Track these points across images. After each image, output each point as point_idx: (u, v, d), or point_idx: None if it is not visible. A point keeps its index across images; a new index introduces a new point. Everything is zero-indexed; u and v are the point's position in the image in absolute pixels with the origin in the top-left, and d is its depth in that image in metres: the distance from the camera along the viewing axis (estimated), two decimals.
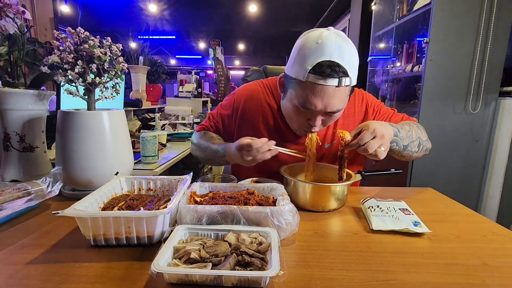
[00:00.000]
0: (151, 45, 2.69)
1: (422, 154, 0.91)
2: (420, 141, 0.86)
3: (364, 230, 0.62)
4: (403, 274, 0.46)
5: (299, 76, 0.72)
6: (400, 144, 0.80)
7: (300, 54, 0.73)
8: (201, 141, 0.96)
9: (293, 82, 0.76)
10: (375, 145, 0.67)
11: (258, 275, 0.40)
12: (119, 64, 0.76)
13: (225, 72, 3.38)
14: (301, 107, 0.76)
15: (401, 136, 0.80)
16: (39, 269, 0.47)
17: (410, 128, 0.85)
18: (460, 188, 1.86)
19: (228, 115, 0.99)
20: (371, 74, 2.78)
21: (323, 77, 0.69)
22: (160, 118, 2.36)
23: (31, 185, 0.70)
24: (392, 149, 0.80)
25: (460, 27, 1.68)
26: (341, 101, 0.75)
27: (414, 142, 0.84)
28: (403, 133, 0.81)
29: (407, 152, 0.84)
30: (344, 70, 0.70)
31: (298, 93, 0.75)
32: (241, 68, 10.05)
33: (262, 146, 0.71)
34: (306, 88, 0.72)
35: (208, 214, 0.54)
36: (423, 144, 0.88)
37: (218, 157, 0.88)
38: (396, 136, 0.78)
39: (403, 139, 0.81)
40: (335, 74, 0.69)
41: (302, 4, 4.90)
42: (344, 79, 0.70)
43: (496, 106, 1.76)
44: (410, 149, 0.84)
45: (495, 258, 0.52)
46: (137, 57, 2.52)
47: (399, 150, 0.81)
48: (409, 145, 0.83)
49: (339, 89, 0.71)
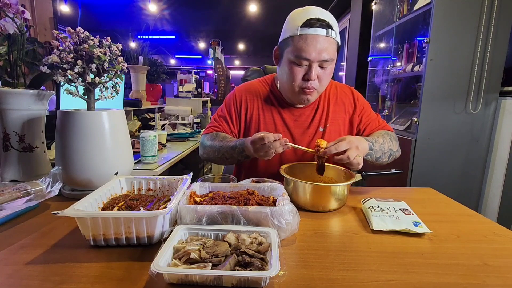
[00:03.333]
0: (151, 45, 2.69)
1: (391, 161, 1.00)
2: (391, 153, 0.96)
3: (365, 230, 0.62)
4: (403, 274, 0.46)
5: (292, 33, 0.84)
6: (374, 156, 0.90)
7: (290, 19, 0.87)
8: (215, 143, 0.97)
9: (287, 41, 0.87)
10: (354, 154, 0.76)
11: (258, 275, 0.40)
12: (119, 64, 0.76)
13: (225, 72, 3.38)
14: (297, 59, 0.84)
15: (375, 149, 0.89)
16: (39, 269, 0.47)
17: (384, 141, 0.93)
18: (460, 188, 1.86)
19: (234, 109, 1.04)
20: (371, 74, 2.78)
21: (312, 27, 0.82)
22: (160, 118, 2.36)
23: (30, 185, 0.70)
24: (366, 159, 0.87)
25: (461, 27, 1.68)
26: (332, 51, 0.85)
27: (385, 153, 0.94)
28: (377, 146, 0.90)
29: (379, 162, 0.94)
30: (329, 24, 0.84)
31: (293, 48, 0.85)
32: (241, 68, 10.05)
33: (275, 142, 0.75)
34: (299, 41, 0.83)
35: (208, 214, 0.53)
36: (394, 154, 0.98)
37: (236, 153, 0.90)
38: (370, 150, 0.87)
39: (377, 152, 0.90)
40: (322, 26, 0.82)
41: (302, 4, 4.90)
42: (330, 30, 0.83)
43: (496, 106, 1.76)
44: (381, 160, 0.94)
45: (496, 258, 0.51)
46: (137, 57, 2.52)
47: (372, 160, 0.91)
48: (381, 156, 0.93)
49: (328, 39, 0.83)
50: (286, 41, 0.87)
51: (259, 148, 0.78)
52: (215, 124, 1.04)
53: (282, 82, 0.95)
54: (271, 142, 0.75)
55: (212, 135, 1.01)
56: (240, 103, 1.03)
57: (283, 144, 0.76)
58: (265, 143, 0.75)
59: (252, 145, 0.80)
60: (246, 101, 1.03)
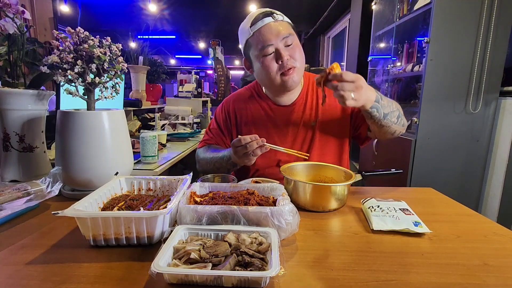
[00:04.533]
0: (151, 45, 2.69)
1: (399, 130, 0.92)
2: (399, 113, 0.90)
3: (365, 230, 0.62)
4: (403, 274, 0.46)
5: (247, 36, 0.90)
6: (381, 112, 0.82)
7: (241, 30, 0.93)
8: (207, 154, 0.99)
9: (247, 46, 0.92)
10: (348, 88, 0.72)
11: (258, 275, 0.40)
12: (119, 64, 0.76)
13: (225, 72, 3.38)
14: (262, 50, 0.87)
15: (382, 104, 0.82)
16: (39, 269, 0.47)
17: (390, 100, 0.88)
18: (460, 188, 1.86)
19: (223, 120, 1.05)
20: (372, 74, 2.78)
21: (259, 20, 0.87)
22: (160, 118, 2.36)
23: (30, 185, 0.70)
24: (373, 115, 0.82)
25: (461, 26, 1.68)
26: (286, 28, 0.88)
27: (394, 112, 0.87)
28: (385, 101, 0.84)
29: (387, 121, 0.85)
30: (272, 11, 0.89)
31: (254, 46, 0.89)
32: (241, 68, 10.03)
33: (251, 142, 0.77)
34: (256, 37, 0.87)
35: (208, 214, 0.53)
36: (401, 117, 0.91)
37: (225, 162, 0.91)
38: (377, 102, 0.81)
39: (384, 107, 0.83)
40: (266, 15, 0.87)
41: (302, 4, 4.90)
42: (276, 15, 0.88)
43: (496, 106, 1.76)
44: (390, 119, 0.85)
45: (496, 258, 0.51)
46: (137, 57, 2.52)
47: (379, 117, 0.83)
48: (389, 114, 0.85)
49: (278, 22, 0.87)
50: (247, 46, 0.92)
51: (238, 150, 0.79)
52: (207, 138, 1.06)
53: (263, 81, 0.96)
54: (248, 142, 0.77)
55: (204, 148, 1.03)
56: (229, 113, 1.05)
57: (260, 145, 0.77)
58: (242, 144, 0.77)
59: (233, 148, 0.82)
60: (235, 110, 1.04)
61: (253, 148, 0.77)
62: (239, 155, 0.80)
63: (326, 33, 5.43)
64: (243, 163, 0.85)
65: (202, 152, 1.02)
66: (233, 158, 0.86)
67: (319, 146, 0.96)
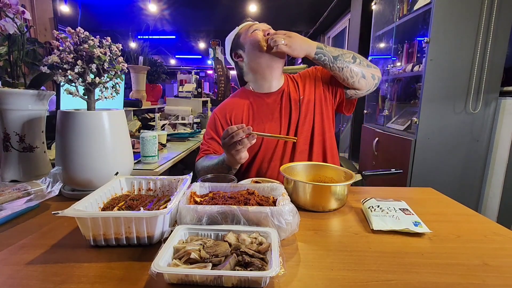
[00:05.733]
0: (151, 45, 2.69)
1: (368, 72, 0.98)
2: (354, 55, 0.96)
3: (365, 230, 0.62)
4: (403, 274, 0.46)
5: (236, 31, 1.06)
6: (329, 56, 0.93)
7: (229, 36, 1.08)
8: (204, 163, 0.99)
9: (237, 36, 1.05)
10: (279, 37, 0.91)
11: (258, 275, 0.40)
12: (119, 64, 0.76)
13: (225, 72, 3.38)
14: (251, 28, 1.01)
15: (327, 50, 0.94)
16: (39, 269, 0.47)
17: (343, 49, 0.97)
18: (460, 188, 1.86)
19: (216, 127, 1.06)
20: None
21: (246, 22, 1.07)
22: (160, 118, 2.36)
23: (31, 185, 0.70)
24: (322, 60, 0.94)
25: (461, 27, 1.68)
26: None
27: (345, 55, 0.95)
28: (331, 48, 0.95)
29: (340, 62, 0.94)
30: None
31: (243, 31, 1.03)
32: None
33: (238, 131, 0.76)
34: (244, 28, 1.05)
35: (208, 214, 0.54)
36: (361, 60, 0.97)
37: (220, 166, 0.90)
38: (320, 49, 0.93)
39: (331, 51, 0.94)
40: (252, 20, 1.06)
41: (302, 4, 4.90)
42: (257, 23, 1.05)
43: (496, 106, 1.76)
44: (343, 60, 0.94)
45: (496, 258, 0.51)
46: (137, 57, 2.52)
47: (330, 60, 0.94)
48: (340, 56, 0.94)
49: None
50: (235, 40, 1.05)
51: (226, 142, 0.78)
52: (205, 148, 1.06)
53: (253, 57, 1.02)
54: (234, 131, 0.76)
55: (202, 159, 1.03)
56: (223, 120, 1.06)
57: (246, 132, 0.76)
58: (229, 134, 0.77)
59: (222, 142, 0.82)
60: (225, 116, 1.05)
61: (240, 137, 0.76)
62: (228, 148, 0.79)
63: (326, 33, 5.43)
64: (234, 160, 0.82)
65: (201, 162, 1.02)
66: (226, 160, 0.86)
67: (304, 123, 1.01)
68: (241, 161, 0.83)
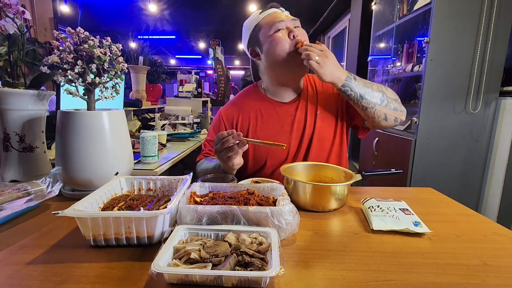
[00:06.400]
0: (151, 45, 2.69)
1: (392, 114, 0.91)
2: (383, 95, 0.89)
3: (365, 230, 0.62)
4: (403, 274, 0.46)
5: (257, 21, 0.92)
6: (356, 91, 0.85)
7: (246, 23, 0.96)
8: (203, 166, 0.97)
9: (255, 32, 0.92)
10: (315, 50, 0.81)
11: (258, 275, 0.40)
12: (119, 64, 0.76)
13: (225, 72, 3.38)
14: (274, 26, 0.88)
15: (356, 84, 0.85)
16: (39, 269, 0.47)
17: (372, 83, 0.89)
18: (460, 188, 1.86)
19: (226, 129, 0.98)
20: (371, 74, 2.78)
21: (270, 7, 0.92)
22: (160, 118, 2.36)
23: (31, 185, 0.70)
24: (347, 94, 0.86)
25: (460, 26, 1.68)
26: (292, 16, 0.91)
27: (374, 93, 0.88)
28: (360, 82, 0.87)
29: (366, 102, 0.87)
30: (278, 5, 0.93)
31: (265, 25, 0.90)
32: (241, 68, 10.04)
33: (227, 137, 0.75)
34: (266, 18, 0.90)
35: (208, 214, 0.54)
36: (389, 100, 0.90)
37: (217, 170, 0.89)
38: (349, 82, 0.85)
39: (359, 87, 0.86)
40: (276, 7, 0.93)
41: (302, 4, 4.90)
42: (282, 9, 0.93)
43: (496, 106, 1.76)
44: (370, 99, 0.87)
45: (496, 258, 0.51)
46: (137, 57, 2.52)
47: (356, 97, 0.86)
48: (367, 94, 0.86)
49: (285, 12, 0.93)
50: (255, 30, 0.92)
51: (217, 148, 0.77)
52: (205, 151, 1.04)
53: (272, 62, 0.91)
54: (224, 137, 0.75)
55: (202, 161, 1.01)
56: (228, 123, 1.00)
57: (236, 139, 0.74)
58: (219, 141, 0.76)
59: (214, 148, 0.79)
60: (231, 120, 1.00)
61: (230, 143, 0.74)
62: (219, 154, 0.78)
63: (326, 33, 5.43)
64: (227, 166, 0.81)
65: (200, 165, 1.00)
66: (223, 166, 0.84)
67: (318, 139, 0.96)
68: (234, 167, 0.81)
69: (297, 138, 0.96)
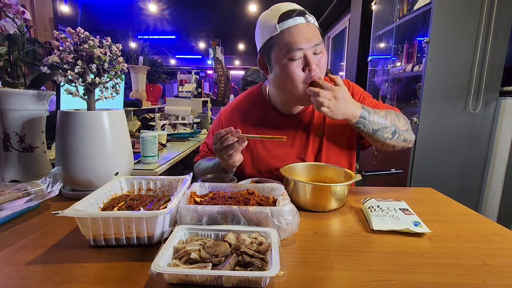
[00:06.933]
0: (151, 45, 2.69)
1: (400, 145, 0.90)
2: (396, 129, 0.86)
3: (365, 230, 0.62)
4: (403, 274, 0.46)
5: (272, 33, 0.78)
6: (369, 128, 0.82)
7: (263, 23, 0.82)
8: (201, 166, 0.97)
9: (269, 44, 0.80)
10: (326, 96, 0.75)
11: (258, 275, 0.40)
12: (119, 64, 0.76)
13: (225, 72, 3.38)
14: (289, 54, 0.77)
15: (370, 120, 0.82)
16: (39, 269, 0.47)
17: (387, 115, 0.85)
18: (460, 188, 1.86)
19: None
20: (371, 74, 2.78)
21: (290, 18, 0.77)
22: (160, 118, 2.36)
23: (31, 185, 0.70)
24: (360, 130, 0.83)
25: (460, 26, 1.68)
26: (317, 35, 0.79)
27: (387, 128, 0.85)
28: (375, 117, 0.83)
29: (378, 137, 0.84)
30: (303, 11, 0.80)
31: (279, 46, 0.78)
32: (241, 68, 10.03)
33: (227, 135, 0.74)
34: (283, 36, 0.77)
35: (208, 214, 0.54)
36: (400, 133, 0.88)
37: (216, 169, 0.88)
38: (363, 118, 0.81)
39: (373, 123, 0.82)
40: (299, 14, 0.77)
41: (302, 4, 4.89)
42: (308, 16, 0.79)
43: (496, 106, 1.76)
44: (382, 135, 0.84)
45: (496, 258, 0.51)
46: (137, 57, 2.52)
47: (368, 132, 0.83)
48: (380, 130, 0.84)
49: (309, 24, 0.78)
50: (268, 44, 0.80)
51: (217, 148, 0.76)
52: (204, 152, 1.03)
53: (279, 88, 0.86)
54: (223, 136, 0.74)
55: (199, 162, 1.00)
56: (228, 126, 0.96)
57: (235, 136, 0.73)
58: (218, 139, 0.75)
59: (214, 148, 0.78)
60: (235, 122, 0.96)
61: (230, 141, 0.74)
62: (219, 153, 0.77)
63: (326, 33, 5.43)
64: (227, 164, 0.80)
65: (197, 166, 0.99)
66: (221, 164, 0.83)
67: (326, 156, 0.93)
68: (235, 164, 0.80)
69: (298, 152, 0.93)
